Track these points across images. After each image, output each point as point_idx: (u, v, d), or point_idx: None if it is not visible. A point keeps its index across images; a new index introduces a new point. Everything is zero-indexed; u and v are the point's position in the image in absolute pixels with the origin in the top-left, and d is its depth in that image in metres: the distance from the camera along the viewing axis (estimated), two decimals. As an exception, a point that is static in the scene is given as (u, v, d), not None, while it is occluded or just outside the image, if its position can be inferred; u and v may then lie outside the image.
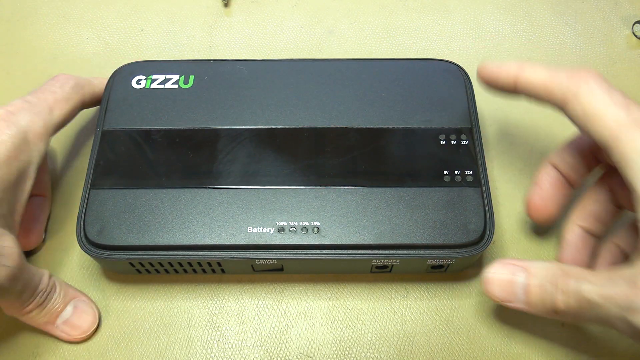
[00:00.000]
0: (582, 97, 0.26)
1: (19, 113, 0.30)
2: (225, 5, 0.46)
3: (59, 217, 0.36)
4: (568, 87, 0.27)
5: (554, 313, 0.25)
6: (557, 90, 0.27)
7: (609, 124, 0.25)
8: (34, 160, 0.30)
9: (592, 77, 0.27)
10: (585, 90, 0.26)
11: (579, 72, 0.27)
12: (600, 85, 0.26)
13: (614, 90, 0.26)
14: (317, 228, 0.31)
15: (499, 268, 0.27)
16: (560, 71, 0.28)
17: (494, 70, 0.30)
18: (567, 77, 0.27)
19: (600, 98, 0.26)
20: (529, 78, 0.29)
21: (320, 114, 0.35)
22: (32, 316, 0.30)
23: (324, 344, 0.32)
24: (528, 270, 0.26)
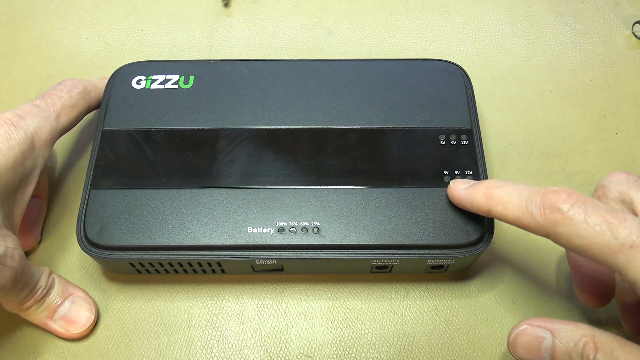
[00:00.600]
0: (562, 237, 0.24)
1: (28, 118, 0.30)
2: (225, 5, 0.46)
3: (59, 217, 0.36)
4: (545, 229, 0.25)
5: None
6: (536, 230, 0.25)
7: (603, 255, 0.23)
8: (38, 165, 0.30)
9: (566, 206, 0.24)
10: (564, 230, 0.24)
11: (550, 204, 0.24)
12: (574, 213, 0.23)
13: (591, 209, 0.23)
14: (317, 228, 0.31)
15: (525, 329, 0.26)
16: (531, 204, 0.25)
17: (463, 199, 0.29)
18: (541, 217, 0.24)
19: (582, 231, 0.23)
20: (500, 216, 0.27)
21: (320, 114, 0.35)
22: (31, 311, 0.30)
23: (324, 344, 0.32)
24: (555, 334, 0.25)
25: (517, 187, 0.27)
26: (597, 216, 0.23)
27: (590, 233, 0.23)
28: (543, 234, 0.25)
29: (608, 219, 0.23)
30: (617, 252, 0.22)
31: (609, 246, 0.23)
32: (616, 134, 0.39)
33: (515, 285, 0.34)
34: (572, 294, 0.33)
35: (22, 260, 0.28)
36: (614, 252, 0.22)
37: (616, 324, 0.32)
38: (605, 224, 0.23)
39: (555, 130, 0.39)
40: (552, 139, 0.39)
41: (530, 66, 0.43)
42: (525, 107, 0.41)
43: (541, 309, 0.33)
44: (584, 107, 0.41)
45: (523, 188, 0.26)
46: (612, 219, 0.23)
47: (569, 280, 0.34)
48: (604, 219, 0.23)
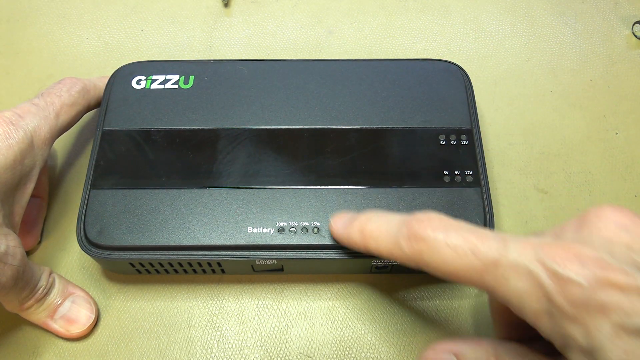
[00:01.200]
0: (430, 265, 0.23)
1: (27, 117, 0.30)
2: (225, 5, 0.46)
3: (59, 217, 0.36)
4: (415, 260, 0.24)
5: None
6: (408, 262, 0.24)
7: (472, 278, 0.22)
8: (37, 164, 0.30)
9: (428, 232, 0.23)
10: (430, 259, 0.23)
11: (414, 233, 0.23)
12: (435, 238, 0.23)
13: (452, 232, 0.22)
14: (317, 228, 0.31)
15: (430, 355, 0.25)
16: (399, 236, 0.24)
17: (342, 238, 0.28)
18: (408, 248, 0.24)
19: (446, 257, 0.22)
20: (376, 252, 0.26)
21: (320, 114, 0.35)
22: (31, 311, 0.30)
23: (324, 344, 0.32)
24: (459, 355, 0.24)
25: (387, 218, 0.26)
26: (459, 238, 0.22)
27: (453, 257, 0.22)
28: (415, 265, 0.24)
29: (468, 239, 0.22)
30: (483, 273, 0.21)
31: (474, 268, 0.22)
32: (616, 134, 0.39)
33: (515, 285, 0.34)
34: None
35: (24, 259, 0.28)
36: (480, 273, 0.21)
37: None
38: (466, 245, 0.22)
39: (555, 130, 0.39)
40: (552, 139, 0.39)
41: (530, 66, 0.43)
42: (525, 107, 0.41)
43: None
44: (584, 107, 0.41)
45: (393, 219, 0.25)
46: (472, 237, 0.22)
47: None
48: (464, 239, 0.22)
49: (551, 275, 0.20)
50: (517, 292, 0.21)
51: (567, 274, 0.19)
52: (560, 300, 0.19)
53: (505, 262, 0.21)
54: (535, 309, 0.20)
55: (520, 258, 0.21)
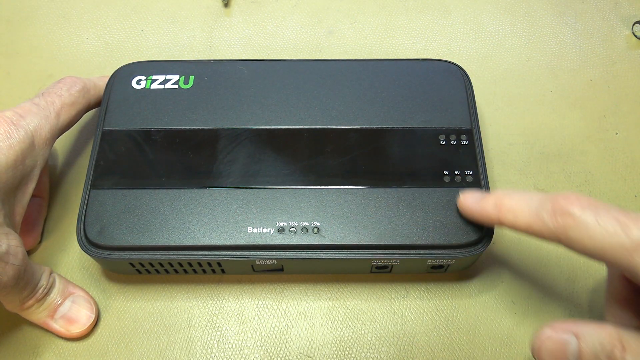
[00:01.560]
0: (574, 241, 0.24)
1: (28, 116, 0.30)
2: (225, 5, 0.46)
3: (59, 217, 0.36)
4: (556, 234, 0.24)
5: None
6: (548, 235, 0.25)
7: (618, 256, 0.23)
8: (38, 164, 0.30)
9: (576, 209, 0.24)
10: (576, 234, 0.24)
11: (561, 208, 0.24)
12: (585, 216, 0.23)
13: (603, 211, 0.23)
14: (317, 228, 0.31)
15: (550, 335, 0.25)
16: (541, 210, 0.25)
17: (474, 212, 0.29)
18: (552, 222, 0.24)
19: (594, 234, 0.23)
20: (512, 224, 0.27)
21: (320, 114, 0.35)
22: (32, 311, 0.30)
23: (324, 344, 0.32)
24: (579, 336, 0.24)
25: (526, 194, 0.26)
26: (609, 217, 0.23)
27: (603, 235, 0.23)
28: (555, 239, 0.25)
29: (620, 219, 0.23)
30: (633, 252, 0.22)
31: (623, 246, 0.22)
32: (616, 134, 0.39)
33: (515, 285, 0.34)
34: (572, 294, 0.33)
35: (25, 258, 0.28)
36: (629, 251, 0.22)
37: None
38: (617, 225, 0.22)
39: (555, 130, 0.39)
40: (552, 139, 0.39)
41: (530, 66, 0.43)
42: (525, 107, 0.41)
43: (541, 309, 0.33)
44: (584, 107, 0.41)
45: (533, 195, 0.26)
46: (625, 218, 0.23)
47: (568, 280, 0.34)
48: (616, 219, 0.23)
49: None
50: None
51: None
52: None
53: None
54: None
55: None
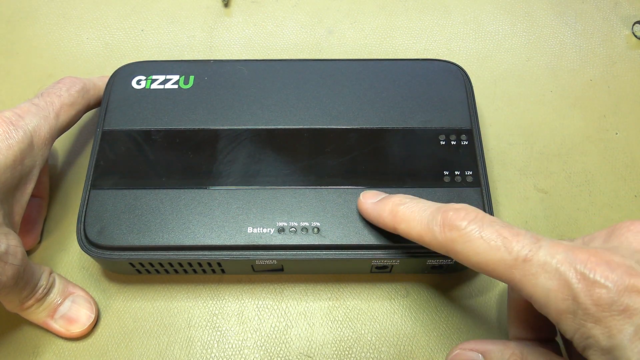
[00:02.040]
0: (461, 254, 0.24)
1: (27, 117, 0.30)
2: (225, 5, 0.46)
3: (59, 217, 0.36)
4: (445, 247, 0.25)
5: None
6: (438, 248, 0.25)
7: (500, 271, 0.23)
8: (37, 164, 0.30)
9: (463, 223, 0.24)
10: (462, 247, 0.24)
11: (449, 222, 0.24)
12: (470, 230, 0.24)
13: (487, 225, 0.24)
14: (317, 228, 0.31)
15: (458, 354, 0.26)
16: (432, 223, 0.25)
17: (371, 215, 0.29)
18: (441, 235, 0.25)
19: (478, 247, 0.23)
20: (405, 233, 0.27)
21: (320, 114, 0.35)
22: (32, 311, 0.30)
23: (324, 344, 0.32)
24: (485, 354, 0.25)
25: (421, 204, 0.27)
26: (492, 231, 0.23)
27: (485, 249, 0.23)
28: (444, 251, 0.25)
29: (502, 234, 0.23)
30: (512, 267, 0.22)
31: (504, 261, 0.22)
32: (616, 134, 0.39)
33: (515, 285, 0.34)
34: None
35: (25, 258, 0.28)
36: (509, 267, 0.22)
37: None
38: (499, 239, 0.23)
39: (555, 130, 0.39)
40: (552, 139, 0.39)
41: (530, 66, 0.43)
42: (525, 107, 0.41)
43: (541, 309, 0.33)
44: (584, 107, 0.41)
45: (427, 206, 0.27)
46: (506, 233, 0.23)
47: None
48: (498, 233, 0.23)
49: (580, 277, 0.21)
50: (544, 290, 0.21)
51: (595, 277, 0.20)
52: (586, 301, 0.20)
53: (536, 260, 0.22)
54: (561, 308, 0.21)
55: (551, 258, 0.21)
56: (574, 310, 0.21)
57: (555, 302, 0.21)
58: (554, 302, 0.21)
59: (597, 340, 0.20)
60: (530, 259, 0.22)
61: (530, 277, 0.22)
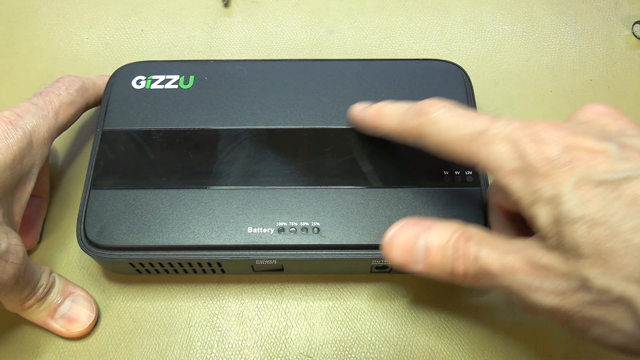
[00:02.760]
0: (428, 136, 0.26)
1: (26, 116, 0.30)
2: (225, 5, 0.46)
3: (59, 217, 0.36)
4: (415, 131, 0.27)
5: (453, 277, 0.25)
6: (410, 134, 0.27)
7: (460, 147, 0.25)
8: (36, 164, 0.30)
9: (434, 108, 0.26)
10: (430, 129, 0.26)
11: (422, 109, 0.27)
12: (440, 113, 0.26)
13: (455, 109, 0.26)
14: (317, 228, 0.31)
15: (400, 229, 0.26)
16: (408, 113, 0.28)
17: (357, 118, 0.32)
18: (412, 121, 0.27)
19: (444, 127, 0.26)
20: (385, 127, 0.29)
21: (320, 114, 0.35)
22: (32, 311, 0.30)
23: (324, 344, 0.32)
24: (430, 230, 0.25)
25: (404, 104, 0.29)
26: (459, 113, 0.25)
27: (449, 127, 0.25)
28: (416, 136, 0.27)
29: (467, 114, 0.25)
30: (470, 141, 0.24)
31: (463, 137, 0.24)
32: (616, 134, 0.39)
33: (515, 285, 0.34)
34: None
35: (25, 257, 0.28)
36: (468, 142, 0.24)
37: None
38: (463, 118, 0.25)
39: (555, 130, 0.39)
40: (552, 139, 0.39)
41: (530, 66, 0.43)
42: (525, 107, 0.41)
43: (541, 309, 0.33)
44: (584, 107, 0.41)
45: (406, 103, 0.28)
46: (471, 113, 0.25)
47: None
48: (464, 115, 0.25)
49: (529, 138, 0.23)
50: (497, 154, 0.23)
51: (543, 137, 0.22)
52: (534, 158, 0.22)
53: (492, 130, 0.24)
54: (511, 167, 0.23)
55: (504, 128, 0.23)
56: (523, 168, 0.22)
57: (506, 163, 0.23)
58: (505, 163, 0.23)
59: (543, 192, 0.22)
60: (487, 130, 0.24)
61: (485, 145, 0.24)
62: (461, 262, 0.24)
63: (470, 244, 0.24)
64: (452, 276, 0.25)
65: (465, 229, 0.25)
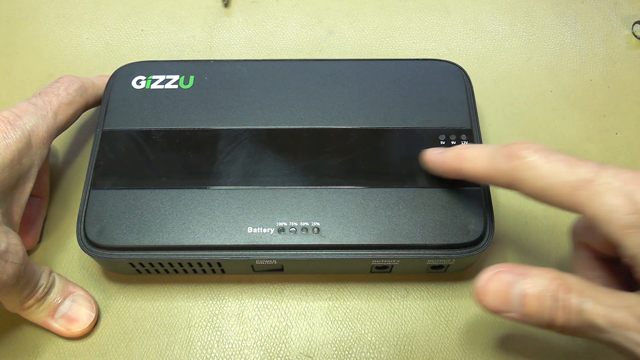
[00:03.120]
0: (525, 182, 0.25)
1: (25, 116, 0.30)
2: (225, 5, 0.46)
3: (59, 217, 0.36)
4: (509, 176, 0.26)
5: (552, 328, 0.24)
6: (503, 179, 0.26)
7: (564, 194, 0.24)
8: (35, 164, 0.30)
9: (529, 152, 0.25)
10: (527, 174, 0.25)
11: (515, 152, 0.25)
12: (537, 157, 0.25)
13: (553, 154, 0.24)
14: (317, 228, 0.31)
15: (495, 275, 0.25)
16: (497, 156, 0.26)
17: (436, 162, 0.30)
18: (505, 164, 0.26)
19: (543, 172, 0.24)
20: (471, 170, 0.28)
21: (320, 114, 0.35)
22: (32, 311, 0.30)
23: (324, 344, 0.32)
24: (526, 277, 0.24)
25: (486, 146, 0.28)
26: (559, 159, 0.24)
27: (550, 173, 0.24)
28: (509, 182, 0.26)
29: (569, 160, 0.24)
30: (576, 189, 0.23)
31: (568, 184, 0.23)
32: (616, 134, 0.39)
33: (515, 285, 0.34)
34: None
35: (25, 257, 0.28)
36: (574, 189, 0.23)
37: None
38: (565, 164, 0.24)
39: (555, 130, 0.39)
40: (552, 139, 0.39)
41: (530, 66, 0.43)
42: (525, 107, 0.41)
43: (541, 309, 0.33)
44: (584, 107, 0.41)
45: (492, 145, 0.28)
46: (574, 160, 0.24)
47: (569, 280, 0.34)
48: (565, 160, 0.24)
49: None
50: (609, 207, 0.22)
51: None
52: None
53: (600, 180, 0.23)
54: (625, 223, 0.22)
55: (615, 178, 0.22)
56: (638, 224, 0.21)
57: (620, 218, 0.22)
58: (618, 217, 0.22)
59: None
60: (594, 180, 0.23)
61: (595, 195, 0.22)
62: (561, 313, 0.23)
63: (572, 296, 0.23)
64: (550, 326, 0.24)
65: (564, 278, 0.23)
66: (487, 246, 0.31)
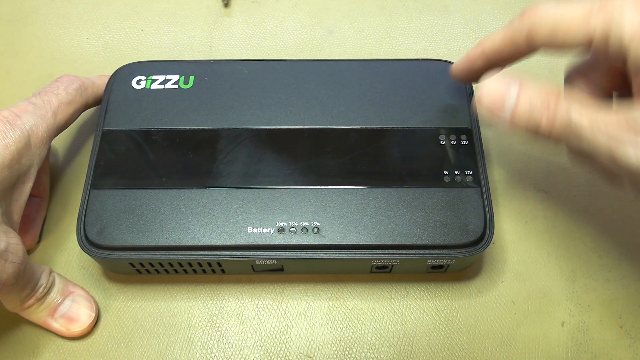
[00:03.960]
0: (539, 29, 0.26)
1: (24, 116, 0.30)
2: (225, 5, 0.46)
3: (59, 217, 0.36)
4: (525, 31, 0.26)
5: (539, 130, 0.25)
6: (520, 38, 0.27)
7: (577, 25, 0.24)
8: (35, 163, 0.30)
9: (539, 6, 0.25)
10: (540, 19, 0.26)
11: (525, 9, 0.26)
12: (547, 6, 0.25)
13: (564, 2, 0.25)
14: (317, 228, 0.31)
15: (497, 77, 0.26)
16: (511, 23, 0.27)
17: (463, 62, 0.32)
18: (519, 22, 0.27)
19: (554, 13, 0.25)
20: (492, 48, 0.29)
21: (320, 114, 0.35)
22: (32, 310, 0.30)
23: (324, 344, 0.32)
24: (523, 83, 0.26)
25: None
26: (564, 2, 0.24)
27: (561, 10, 0.24)
28: (525, 35, 0.26)
29: (573, 1, 0.24)
30: (589, 18, 0.23)
31: (580, 14, 0.24)
32: (616, 134, 0.39)
33: (515, 285, 0.34)
34: (572, 294, 0.33)
35: (25, 256, 0.28)
36: (586, 17, 0.23)
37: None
38: (572, 3, 0.24)
39: (555, 130, 0.39)
40: (552, 139, 0.39)
41: (530, 66, 0.43)
42: (525, 107, 0.41)
43: (541, 309, 0.33)
44: (584, 107, 0.41)
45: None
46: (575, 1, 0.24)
47: (568, 280, 0.34)
48: (569, 1, 0.24)
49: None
50: (629, 21, 0.22)
51: None
52: None
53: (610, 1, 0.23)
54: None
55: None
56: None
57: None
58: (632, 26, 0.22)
59: None
60: (604, 3, 0.23)
61: (610, 15, 0.23)
62: (551, 113, 0.24)
63: (561, 98, 0.24)
64: (537, 129, 0.25)
65: (559, 89, 0.25)
66: (487, 246, 0.31)
